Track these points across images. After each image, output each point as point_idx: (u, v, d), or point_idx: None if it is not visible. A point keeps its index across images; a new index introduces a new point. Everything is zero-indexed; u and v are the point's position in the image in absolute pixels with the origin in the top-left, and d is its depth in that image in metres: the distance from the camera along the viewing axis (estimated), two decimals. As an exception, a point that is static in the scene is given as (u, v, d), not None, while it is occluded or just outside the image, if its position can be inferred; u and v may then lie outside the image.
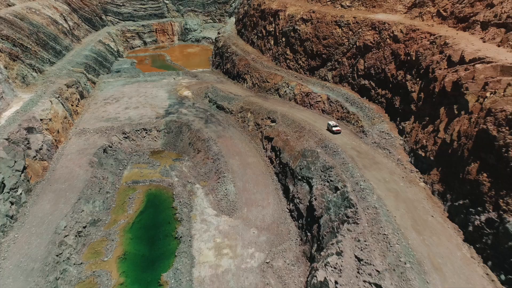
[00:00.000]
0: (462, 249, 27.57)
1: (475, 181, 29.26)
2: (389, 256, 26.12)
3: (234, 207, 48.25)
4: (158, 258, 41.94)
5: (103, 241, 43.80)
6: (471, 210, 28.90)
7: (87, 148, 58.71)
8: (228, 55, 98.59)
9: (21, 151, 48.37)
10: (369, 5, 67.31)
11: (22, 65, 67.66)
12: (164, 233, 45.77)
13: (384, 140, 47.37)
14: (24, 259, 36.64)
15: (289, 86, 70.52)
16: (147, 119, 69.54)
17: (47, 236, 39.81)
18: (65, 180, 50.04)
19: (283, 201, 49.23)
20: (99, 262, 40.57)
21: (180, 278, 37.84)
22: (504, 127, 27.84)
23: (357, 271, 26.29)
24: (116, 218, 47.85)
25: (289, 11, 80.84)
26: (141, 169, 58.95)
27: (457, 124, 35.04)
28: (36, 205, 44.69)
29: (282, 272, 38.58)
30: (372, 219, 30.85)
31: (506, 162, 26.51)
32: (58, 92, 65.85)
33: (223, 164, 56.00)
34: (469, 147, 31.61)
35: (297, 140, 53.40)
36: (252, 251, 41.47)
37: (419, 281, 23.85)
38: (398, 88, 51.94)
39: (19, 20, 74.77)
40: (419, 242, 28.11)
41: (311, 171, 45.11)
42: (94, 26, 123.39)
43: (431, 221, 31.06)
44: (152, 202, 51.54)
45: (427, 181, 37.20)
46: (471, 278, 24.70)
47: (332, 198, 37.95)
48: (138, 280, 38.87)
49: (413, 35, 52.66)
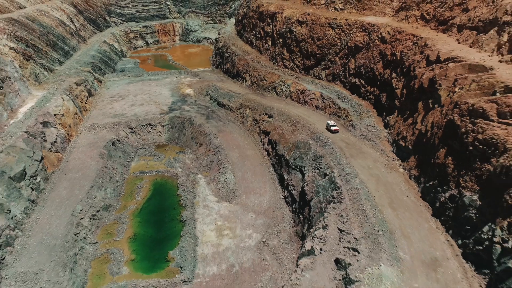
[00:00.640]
0: (429, 222, 32.03)
1: (443, 164, 33.73)
2: (366, 227, 30.57)
3: (233, 194, 52.68)
4: (165, 239, 46.38)
5: (114, 224, 48.26)
6: (438, 189, 33.37)
7: (97, 141, 63.14)
8: (228, 55, 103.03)
9: (38, 143, 52.83)
10: (360, 8, 71.76)
11: (34, 64, 72.09)
12: (170, 217, 50.22)
13: (370, 132, 51.85)
14: (46, 237, 41.07)
15: (286, 84, 74.98)
16: (152, 115, 73.96)
17: (66, 218, 44.25)
18: (78, 170, 54.49)
19: (279, 189, 53.67)
20: (112, 242, 45.02)
21: (185, 254, 42.29)
22: (466, 117, 32.29)
23: (338, 240, 30.74)
24: (125, 204, 52.31)
25: (286, 13, 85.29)
26: (147, 161, 63.39)
27: (431, 116, 39.52)
28: (53, 192, 49.14)
29: (276, 249, 42.99)
30: (354, 198, 35.32)
31: (466, 146, 30.96)
32: (68, 90, 70.28)
33: (223, 156, 60.42)
34: (439, 135, 36.10)
35: (291, 133, 57.84)
36: (250, 232, 45.91)
37: (389, 245, 28.28)
38: (384, 86, 56.39)
39: (30, 22, 79.16)
40: (393, 216, 32.57)
41: (304, 161, 49.58)
42: (98, 27, 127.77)
43: (405, 200, 35.54)
44: (158, 190, 55.97)
45: (406, 167, 41.69)
46: (434, 243, 29.13)
47: (321, 183, 42.43)
48: (147, 257, 43.30)
49: (399, 36, 57.11)
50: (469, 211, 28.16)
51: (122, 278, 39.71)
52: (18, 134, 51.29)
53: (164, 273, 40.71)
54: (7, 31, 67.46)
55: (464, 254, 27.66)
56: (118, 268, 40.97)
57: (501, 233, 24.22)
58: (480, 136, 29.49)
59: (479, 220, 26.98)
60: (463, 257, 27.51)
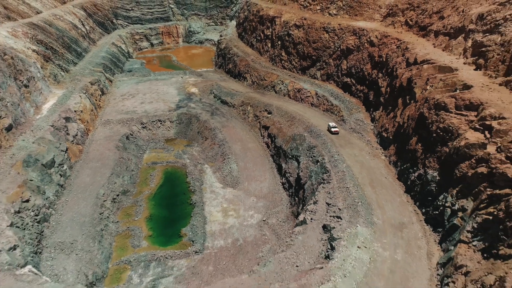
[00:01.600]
0: (401, 197, 38.53)
1: (414, 150, 40.23)
2: (348, 200, 37.05)
3: (237, 181, 59.14)
4: (177, 219, 52.82)
5: (132, 206, 54.70)
6: (410, 170, 39.88)
7: (112, 135, 69.57)
8: (230, 56, 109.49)
9: (63, 136, 59.31)
10: (352, 13, 78.24)
11: (53, 65, 78.51)
12: (181, 201, 56.66)
13: (359, 126, 58.35)
14: (76, 215, 47.53)
15: (284, 83, 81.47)
16: (161, 112, 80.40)
17: (91, 200, 50.70)
18: (98, 160, 60.92)
19: (277, 176, 60.14)
20: (131, 221, 51.46)
21: (196, 231, 48.77)
22: (432, 110, 38.78)
23: (326, 211, 37.23)
24: (141, 190, 58.75)
25: (284, 18, 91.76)
26: (158, 153, 69.83)
27: (408, 110, 46.02)
28: (78, 178, 55.59)
29: (275, 227, 49.45)
30: (340, 179, 41.82)
31: (431, 134, 37.45)
32: (84, 89, 76.72)
33: (227, 148, 66.89)
34: (413, 126, 42.60)
35: (288, 127, 64.33)
36: (252, 213, 52.38)
37: (366, 213, 34.73)
38: (372, 85, 62.86)
39: (48, 26, 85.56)
40: (372, 192, 39.05)
41: (299, 151, 56.08)
42: (106, 29, 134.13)
43: (384, 181, 42.03)
44: (169, 178, 62.41)
45: (387, 155, 48.20)
46: (403, 212, 35.62)
47: (314, 168, 48.94)
48: (163, 233, 49.75)
49: (385, 40, 63.59)
50: (430, 185, 34.67)
51: (142, 250, 46.17)
52: (46, 127, 57.72)
53: (178, 246, 47.20)
54: (29, 35, 73.86)
55: (426, 220, 34.16)
56: (138, 242, 47.44)
57: (451, 199, 30.71)
58: (441, 125, 36.01)
59: (437, 192, 33.49)
60: (425, 222, 34.00)
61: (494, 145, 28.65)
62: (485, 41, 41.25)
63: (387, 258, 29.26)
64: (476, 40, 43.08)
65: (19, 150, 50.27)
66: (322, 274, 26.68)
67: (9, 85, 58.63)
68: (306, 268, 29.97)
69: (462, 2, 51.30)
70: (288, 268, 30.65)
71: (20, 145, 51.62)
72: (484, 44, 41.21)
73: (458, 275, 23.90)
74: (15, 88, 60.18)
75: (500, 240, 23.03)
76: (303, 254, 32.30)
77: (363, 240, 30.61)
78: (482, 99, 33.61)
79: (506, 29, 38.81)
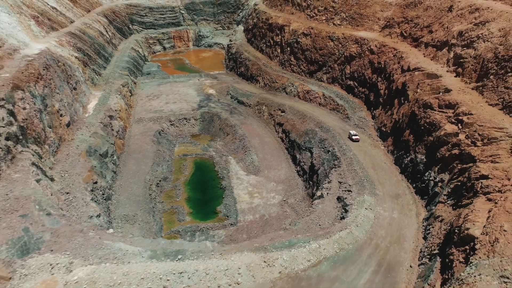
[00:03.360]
0: (397, 176, 49.30)
1: (407, 140, 50.99)
2: (356, 179, 47.70)
3: (258, 170, 69.66)
4: (211, 200, 63.21)
5: (172, 190, 65.07)
6: (404, 156, 50.65)
7: (147, 131, 79.90)
8: (241, 60, 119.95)
9: (110, 131, 69.62)
10: (354, 24, 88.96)
11: (89, 70, 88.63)
12: (212, 186, 67.10)
13: (361, 122, 69.07)
14: (131, 195, 57.89)
15: (294, 85, 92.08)
16: (185, 111, 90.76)
17: (141, 184, 61.06)
18: (139, 152, 71.25)
19: (292, 165, 70.72)
20: (173, 201, 61.84)
21: (229, 208, 59.24)
22: (421, 108, 49.52)
23: (339, 187, 47.89)
24: (177, 177, 69.14)
25: (292, 26, 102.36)
26: (187, 147, 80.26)
27: (402, 109, 56.77)
28: (125, 167, 65.92)
29: (294, 205, 59.96)
30: (348, 163, 52.52)
31: (420, 127, 48.21)
32: (119, 90, 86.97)
33: (247, 142, 77.40)
34: (406, 121, 53.36)
35: (301, 124, 74.96)
36: (273, 194, 62.87)
37: (370, 187, 45.39)
38: (372, 87, 73.57)
39: (82, 34, 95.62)
40: (374, 173, 49.75)
41: (312, 143, 66.73)
42: (123, 34, 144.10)
43: (383, 165, 52.78)
44: (199, 167, 72.82)
45: (385, 145, 58.96)
46: (398, 187, 46.37)
47: (326, 157, 59.62)
48: (201, 211, 60.17)
49: (383, 49, 74.32)
50: (419, 166, 45.45)
51: (187, 223, 56.59)
52: (96, 124, 67.95)
53: (215, 220, 57.67)
54: (71, 43, 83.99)
55: (416, 191, 44.93)
56: (183, 217, 57.86)
57: (434, 174, 41.45)
58: (428, 120, 46.79)
59: (424, 170, 44.24)
60: (415, 193, 44.77)
61: (464, 134, 39.40)
62: (463, 54, 52.04)
63: (386, 216, 39.93)
64: (456, 53, 53.88)
65: (81, 142, 60.50)
66: (341, 225, 37.27)
67: (64, 88, 68.77)
68: (327, 226, 40.62)
69: (447, 19, 62.08)
70: (313, 226, 41.23)
71: (80, 139, 61.83)
72: (462, 56, 52.00)
73: (436, 222, 34.46)
74: (68, 90, 70.33)
75: (463, 196, 33.56)
76: (323, 217, 42.90)
77: (369, 204, 41.25)
78: (458, 100, 44.38)
79: (478, 45, 49.59)
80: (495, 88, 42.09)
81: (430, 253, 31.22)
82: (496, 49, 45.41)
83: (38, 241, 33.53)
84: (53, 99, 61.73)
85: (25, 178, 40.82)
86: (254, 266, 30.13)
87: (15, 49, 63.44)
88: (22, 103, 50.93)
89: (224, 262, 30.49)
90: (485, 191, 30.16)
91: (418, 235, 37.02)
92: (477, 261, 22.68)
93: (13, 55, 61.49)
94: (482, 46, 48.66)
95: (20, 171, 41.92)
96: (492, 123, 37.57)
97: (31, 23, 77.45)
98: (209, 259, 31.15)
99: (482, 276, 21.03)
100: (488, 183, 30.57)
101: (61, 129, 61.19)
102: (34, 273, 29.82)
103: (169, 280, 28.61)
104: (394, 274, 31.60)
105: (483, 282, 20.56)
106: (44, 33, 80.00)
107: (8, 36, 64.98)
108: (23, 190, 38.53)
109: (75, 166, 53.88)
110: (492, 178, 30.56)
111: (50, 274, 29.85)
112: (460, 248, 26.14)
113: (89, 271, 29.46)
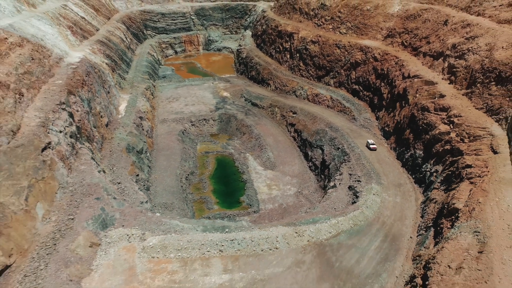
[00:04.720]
0: (399, 169, 57.59)
1: (407, 138, 59.30)
2: (364, 171, 55.98)
3: (274, 165, 77.92)
4: (234, 191, 71.41)
5: (199, 183, 73.34)
6: (405, 152, 58.96)
7: (171, 131, 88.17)
8: (252, 65, 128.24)
9: (141, 130, 77.89)
10: (359, 33, 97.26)
11: (116, 75, 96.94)
12: (233, 179, 75.33)
13: (367, 123, 77.38)
14: (166, 187, 66.13)
15: (303, 89, 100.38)
16: (204, 112, 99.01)
17: (173, 177, 69.31)
18: (167, 149, 79.51)
19: (304, 162, 78.98)
20: (201, 193, 70.09)
21: (251, 198, 67.45)
22: (420, 111, 57.82)
23: (349, 178, 56.18)
24: (202, 171, 77.40)
25: (301, 34, 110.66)
26: (207, 145, 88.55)
27: (403, 111, 65.08)
28: (157, 162, 74.20)
29: (308, 196, 68.21)
30: (356, 158, 60.83)
31: (418, 127, 56.52)
32: (144, 93, 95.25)
33: (262, 141, 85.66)
34: (407, 122, 61.66)
35: (312, 124, 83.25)
36: (289, 187, 71.08)
37: (376, 178, 53.66)
38: (376, 91, 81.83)
39: (108, 42, 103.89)
40: (379, 167, 58.06)
41: (322, 141, 75.03)
42: (139, 39, 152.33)
43: (387, 160, 61.07)
44: (221, 163, 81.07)
45: (388, 143, 67.25)
46: (400, 178, 54.65)
47: (336, 153, 67.94)
48: (226, 200, 68.37)
49: (386, 57, 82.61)
50: (418, 160, 53.77)
51: (215, 211, 64.80)
52: (130, 124, 76.19)
53: (240, 208, 65.88)
54: (101, 51, 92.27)
55: (415, 181, 53.23)
56: (211, 206, 66.09)
57: (430, 167, 49.76)
58: (425, 121, 55.11)
59: (422, 163, 52.55)
60: (414, 183, 53.07)
61: (454, 132, 47.68)
62: (455, 64, 60.35)
63: (391, 200, 48.21)
64: (450, 63, 62.19)
65: (120, 141, 68.73)
66: (354, 207, 45.57)
67: (101, 92, 77.02)
68: (341, 209, 48.93)
69: (442, 32, 70.40)
70: (329, 210, 49.49)
71: (119, 137, 70.05)
72: (455, 66, 60.30)
73: (431, 203, 42.69)
74: (104, 94, 78.61)
75: (452, 182, 41.81)
76: (337, 202, 51.19)
77: (376, 191, 49.52)
78: (450, 104, 52.69)
79: (468, 57, 57.88)
80: (481, 94, 50.42)
81: (426, 226, 39.50)
82: (482, 61, 53.73)
83: (112, 219, 41.82)
84: (94, 102, 70.04)
85: (90, 170, 49.10)
86: (288, 236, 38.37)
87: (60, 57, 71.77)
88: (75, 106, 59.34)
89: (265, 232, 38.75)
90: (469, 177, 38.40)
91: (416, 214, 45.29)
92: (459, 224, 30.84)
93: (60, 64, 69.86)
94: (472, 58, 56.97)
95: (84, 164, 50.21)
96: (477, 124, 45.90)
97: (68, 33, 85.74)
98: (251, 230, 39.42)
99: (462, 233, 29.18)
100: (471, 171, 38.82)
101: (102, 128, 69.52)
102: (115, 241, 38.09)
103: (223, 246, 36.87)
104: (398, 242, 39.90)
105: (462, 236, 28.72)
106: (78, 42, 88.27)
107: (53, 46, 73.24)
108: (92, 179, 46.80)
109: (119, 161, 62.10)
110: (475, 167, 38.82)
111: (128, 242, 38.12)
112: (448, 218, 34.34)
113: (160, 239, 37.73)
